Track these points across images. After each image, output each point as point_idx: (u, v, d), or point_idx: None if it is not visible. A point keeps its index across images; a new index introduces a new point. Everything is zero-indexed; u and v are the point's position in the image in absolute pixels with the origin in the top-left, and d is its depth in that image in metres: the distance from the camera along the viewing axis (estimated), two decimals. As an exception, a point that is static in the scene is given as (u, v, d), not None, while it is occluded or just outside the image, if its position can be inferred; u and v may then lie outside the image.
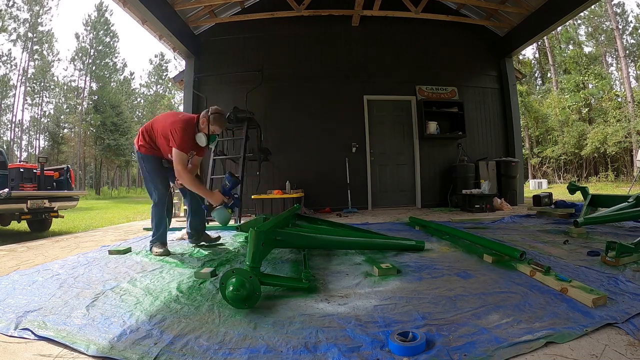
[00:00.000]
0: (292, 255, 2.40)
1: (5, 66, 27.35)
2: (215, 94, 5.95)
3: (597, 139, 16.68)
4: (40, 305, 1.46)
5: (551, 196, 4.66)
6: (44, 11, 27.95)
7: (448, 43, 6.48)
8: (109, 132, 26.10)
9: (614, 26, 19.08)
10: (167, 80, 36.69)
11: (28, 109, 31.06)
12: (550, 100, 20.91)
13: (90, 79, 29.20)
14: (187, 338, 1.14)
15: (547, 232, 3.00)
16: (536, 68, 27.09)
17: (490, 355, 0.97)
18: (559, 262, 1.97)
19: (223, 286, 1.40)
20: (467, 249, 2.37)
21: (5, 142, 28.02)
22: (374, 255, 2.27)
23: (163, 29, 5.17)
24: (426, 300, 1.43)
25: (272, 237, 1.76)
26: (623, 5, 26.72)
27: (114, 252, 2.58)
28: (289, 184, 5.53)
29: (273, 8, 5.92)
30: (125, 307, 1.43)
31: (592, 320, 1.16)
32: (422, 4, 5.84)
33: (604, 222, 3.07)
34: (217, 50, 6.23)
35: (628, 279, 1.57)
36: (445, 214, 4.93)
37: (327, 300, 1.48)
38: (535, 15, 5.66)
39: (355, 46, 6.28)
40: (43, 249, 2.99)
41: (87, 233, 4.26)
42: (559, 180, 18.43)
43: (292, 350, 1.05)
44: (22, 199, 3.89)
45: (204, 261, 2.29)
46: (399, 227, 3.67)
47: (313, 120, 6.06)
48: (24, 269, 2.19)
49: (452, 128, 6.33)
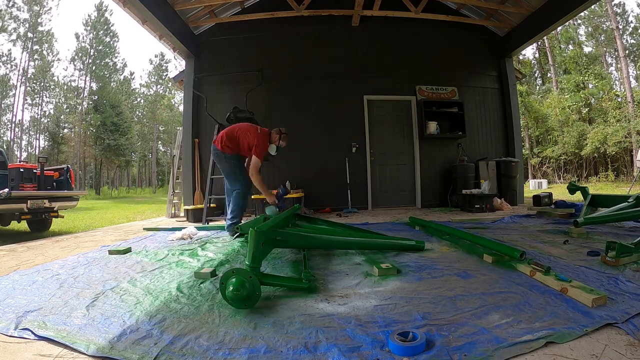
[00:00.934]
0: (292, 255, 2.40)
1: (5, 66, 27.38)
2: (215, 94, 5.95)
3: (597, 139, 16.67)
4: (40, 305, 1.46)
5: (551, 196, 4.66)
6: (44, 11, 27.94)
7: (448, 43, 6.48)
8: (109, 132, 26.10)
9: (614, 26, 19.06)
10: (167, 80, 36.67)
11: (28, 109, 31.11)
12: (550, 100, 20.90)
13: (90, 79, 29.21)
14: (187, 338, 1.14)
15: (547, 232, 3.00)
16: (536, 68, 27.09)
17: (490, 355, 0.98)
18: (559, 262, 1.97)
19: (223, 286, 1.40)
20: (467, 249, 2.37)
21: (5, 142, 28.01)
22: (374, 255, 2.27)
23: (163, 29, 5.17)
24: (426, 300, 1.42)
25: (272, 237, 1.76)
26: (623, 5, 26.73)
27: (114, 252, 2.58)
28: (289, 184, 5.53)
29: (273, 8, 5.92)
30: (125, 307, 1.43)
31: (592, 320, 1.16)
32: (422, 4, 5.84)
33: (604, 222, 3.07)
34: (217, 50, 6.23)
35: (628, 279, 1.57)
36: (445, 214, 4.92)
37: (327, 300, 1.48)
38: (535, 15, 5.66)
39: (355, 46, 6.28)
40: (43, 249, 2.99)
41: (87, 233, 4.26)
42: (559, 180, 18.43)
43: (292, 350, 1.05)
44: (22, 199, 3.89)
45: (204, 261, 2.29)
46: (399, 227, 3.67)
47: (313, 120, 6.06)
48: (24, 269, 2.19)
49: (452, 128, 6.33)
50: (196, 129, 6.02)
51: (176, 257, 2.41)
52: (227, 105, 5.47)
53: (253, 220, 3.26)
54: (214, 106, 5.72)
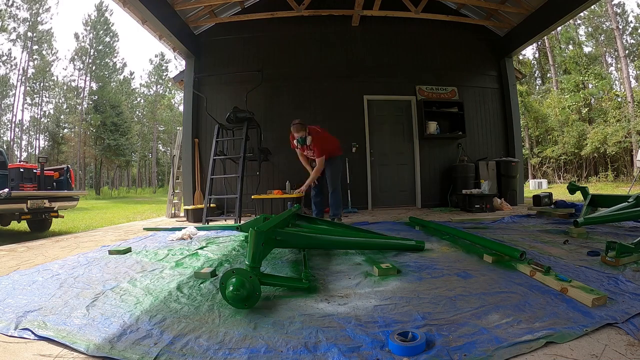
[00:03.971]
0: (292, 255, 2.40)
1: (5, 66, 27.37)
2: (215, 94, 5.95)
3: (597, 139, 16.68)
4: (40, 305, 1.46)
5: (551, 196, 4.65)
6: (43, 10, 27.94)
7: (448, 43, 6.48)
8: (109, 132, 26.10)
9: (614, 26, 19.07)
10: (167, 80, 36.68)
11: (28, 109, 31.07)
12: (550, 100, 20.90)
13: (90, 78, 29.21)
14: (187, 338, 1.14)
15: (547, 232, 3.00)
16: (536, 68, 27.08)
17: (490, 355, 0.97)
18: (559, 262, 1.96)
19: (223, 286, 1.40)
20: (467, 249, 2.36)
21: (5, 142, 28.01)
22: (374, 255, 2.27)
23: (163, 29, 5.16)
24: (426, 300, 1.42)
25: (272, 237, 1.76)
26: (623, 5, 26.71)
27: (114, 252, 2.58)
28: (288, 184, 5.52)
29: (273, 8, 5.92)
30: (125, 307, 1.43)
31: (592, 320, 1.16)
32: (422, 4, 5.84)
33: (604, 222, 3.07)
34: (217, 50, 6.23)
35: (628, 279, 1.57)
36: (445, 214, 4.92)
37: (327, 300, 1.47)
38: (535, 15, 5.66)
39: (355, 46, 6.28)
40: (43, 249, 2.99)
41: (87, 233, 4.26)
42: (559, 180, 18.44)
43: (292, 350, 1.05)
44: (22, 199, 3.89)
45: (204, 261, 2.29)
46: (398, 227, 3.66)
47: (313, 120, 6.04)
48: (24, 269, 2.19)
49: (452, 128, 6.33)
50: (196, 129, 6.02)
51: (176, 257, 2.40)
52: (227, 105, 5.47)
53: (253, 220, 3.27)
54: (214, 106, 5.72)
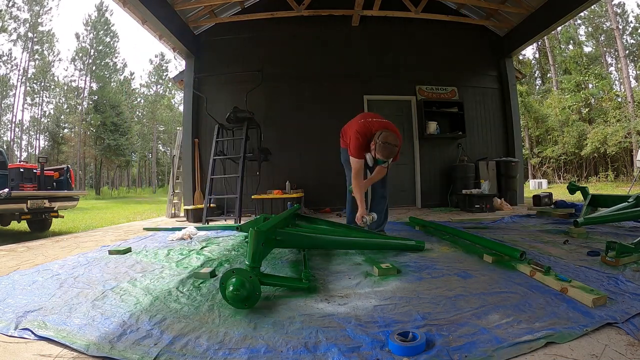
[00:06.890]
0: (292, 255, 2.40)
1: (6, 66, 27.37)
2: (215, 94, 5.95)
3: (597, 139, 16.68)
4: (40, 305, 1.46)
5: (551, 196, 4.66)
6: (44, 11, 27.95)
7: (448, 43, 6.47)
8: (109, 132, 26.11)
9: (614, 26, 19.07)
10: (167, 80, 36.69)
11: (28, 109, 31.12)
12: (550, 100, 20.92)
13: (91, 79, 29.21)
14: (187, 338, 1.14)
15: (547, 232, 3.00)
16: (536, 68, 27.10)
17: (491, 355, 0.97)
18: (559, 262, 1.96)
19: (223, 286, 1.40)
20: (467, 249, 2.36)
21: (5, 142, 28.01)
22: (374, 255, 2.27)
23: (163, 29, 5.16)
24: (426, 300, 1.42)
25: (272, 237, 1.76)
26: (623, 5, 26.69)
27: (114, 252, 2.58)
28: (288, 184, 5.52)
29: (273, 8, 5.91)
30: (125, 307, 1.43)
31: (592, 320, 1.16)
32: (422, 4, 5.84)
33: (604, 222, 3.06)
34: (217, 50, 6.23)
35: (628, 279, 1.57)
36: (445, 214, 4.92)
37: (327, 300, 1.47)
38: (535, 15, 5.66)
39: (355, 46, 6.28)
40: (43, 249, 2.99)
41: (87, 233, 4.26)
42: (559, 180, 18.44)
43: (292, 350, 1.05)
44: (22, 199, 3.89)
45: (203, 261, 2.29)
46: (398, 227, 3.66)
47: (313, 120, 6.06)
48: (24, 269, 2.19)
49: (452, 128, 6.33)
50: (196, 129, 6.02)
51: (176, 257, 2.40)
52: (227, 105, 5.47)
53: (253, 220, 3.26)
54: (214, 106, 5.72)
